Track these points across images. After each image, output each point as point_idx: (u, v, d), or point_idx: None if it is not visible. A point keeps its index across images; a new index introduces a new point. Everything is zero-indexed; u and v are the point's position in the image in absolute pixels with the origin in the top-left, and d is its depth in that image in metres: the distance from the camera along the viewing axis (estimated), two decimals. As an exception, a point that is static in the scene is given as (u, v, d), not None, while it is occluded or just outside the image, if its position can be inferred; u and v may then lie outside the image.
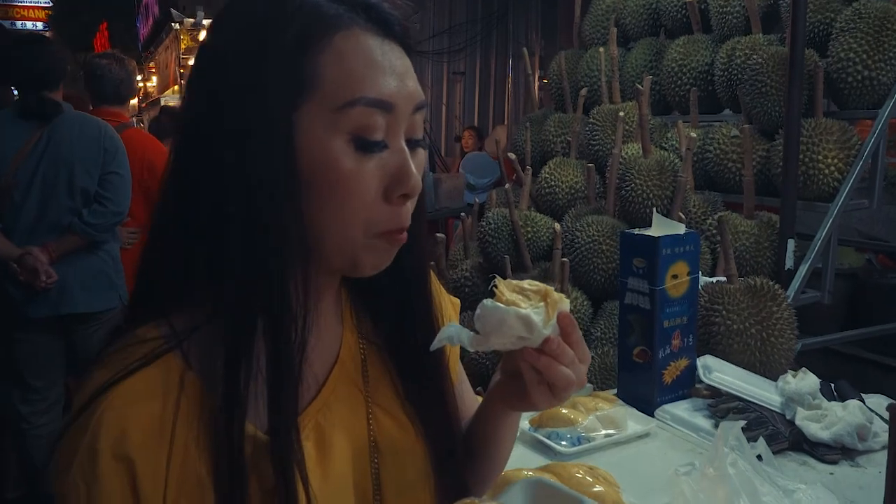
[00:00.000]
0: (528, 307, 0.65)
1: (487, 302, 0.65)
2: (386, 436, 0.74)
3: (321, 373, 0.73)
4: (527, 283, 0.68)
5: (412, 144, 0.67)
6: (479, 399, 0.84)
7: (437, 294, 0.84)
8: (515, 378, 0.72)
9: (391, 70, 0.64)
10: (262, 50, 0.61)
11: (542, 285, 0.67)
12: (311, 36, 0.62)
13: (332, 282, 0.73)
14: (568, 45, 3.08)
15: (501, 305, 0.64)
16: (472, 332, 0.66)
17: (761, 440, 1.11)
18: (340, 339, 0.76)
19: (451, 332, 0.66)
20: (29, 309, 2.63)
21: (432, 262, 2.52)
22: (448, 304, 0.87)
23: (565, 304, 0.67)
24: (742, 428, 1.03)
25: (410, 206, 0.67)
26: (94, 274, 2.70)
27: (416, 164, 0.67)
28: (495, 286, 0.66)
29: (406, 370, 0.77)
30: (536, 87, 7.27)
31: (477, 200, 2.68)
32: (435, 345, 0.67)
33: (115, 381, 0.59)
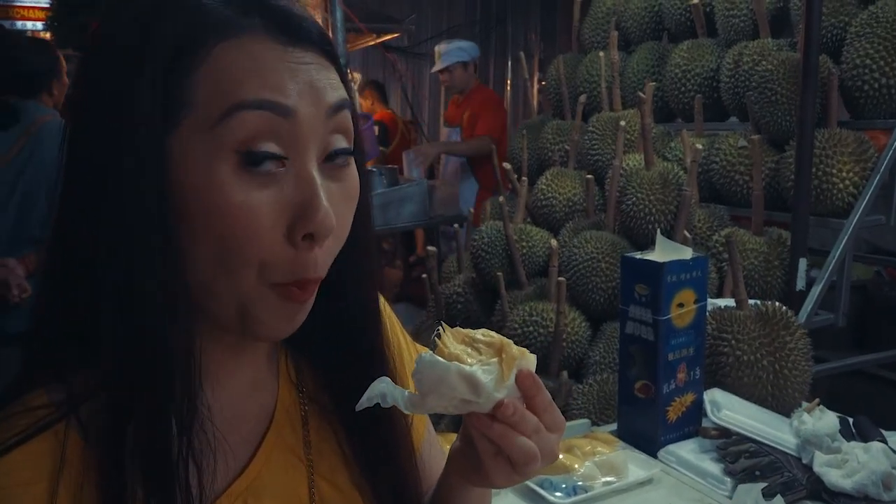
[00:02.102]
0: (476, 363, 0.54)
1: (425, 355, 0.53)
2: None
3: (251, 439, 0.61)
4: (480, 334, 0.57)
5: (334, 156, 0.54)
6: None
7: (395, 340, 0.71)
8: (471, 447, 0.60)
9: (293, 75, 0.52)
10: (129, 63, 0.50)
11: (497, 337, 0.56)
12: (185, 46, 0.50)
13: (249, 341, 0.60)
14: (567, 49, 2.97)
15: (441, 360, 0.53)
16: (407, 391, 0.54)
17: (779, 497, 0.99)
18: (275, 398, 0.64)
19: (383, 388, 0.54)
20: (6, 324, 2.50)
21: (424, 276, 2.41)
22: (408, 354, 0.74)
23: (529, 360, 0.56)
24: (756, 474, 0.92)
25: (321, 254, 0.53)
26: None
27: (340, 191, 0.54)
28: (438, 336, 0.55)
29: (354, 434, 0.64)
30: (535, 91, 7.18)
31: None
32: (362, 403, 0.54)
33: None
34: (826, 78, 1.87)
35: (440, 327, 0.56)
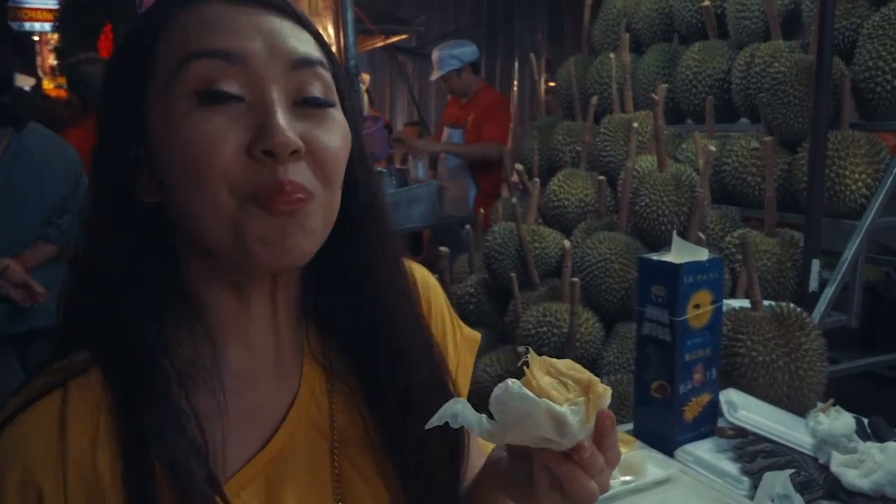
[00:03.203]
0: (565, 402, 0.51)
1: (513, 386, 0.51)
2: (355, 498, 0.63)
3: (274, 416, 0.62)
4: (565, 366, 0.54)
5: (307, 103, 0.57)
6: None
7: (442, 323, 0.72)
8: (522, 465, 0.58)
9: (244, 27, 0.56)
10: (120, 40, 0.59)
11: (585, 373, 0.54)
12: (157, 15, 0.57)
13: (260, 291, 0.62)
14: (575, 50, 2.97)
15: (531, 395, 0.51)
16: (484, 417, 0.53)
17: (798, 497, 1.00)
18: (300, 377, 0.64)
19: (457, 409, 0.53)
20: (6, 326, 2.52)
21: (436, 276, 2.42)
22: (457, 339, 0.74)
23: (608, 398, 0.54)
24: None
25: (293, 168, 0.55)
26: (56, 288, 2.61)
27: (314, 125, 0.57)
28: (526, 364, 0.53)
29: (382, 419, 0.64)
30: (543, 92, 7.18)
31: None
32: (433, 423, 0.54)
33: (19, 410, 0.55)
34: (838, 79, 1.88)
35: (527, 354, 0.54)
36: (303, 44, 0.58)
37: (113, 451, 0.54)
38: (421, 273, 0.75)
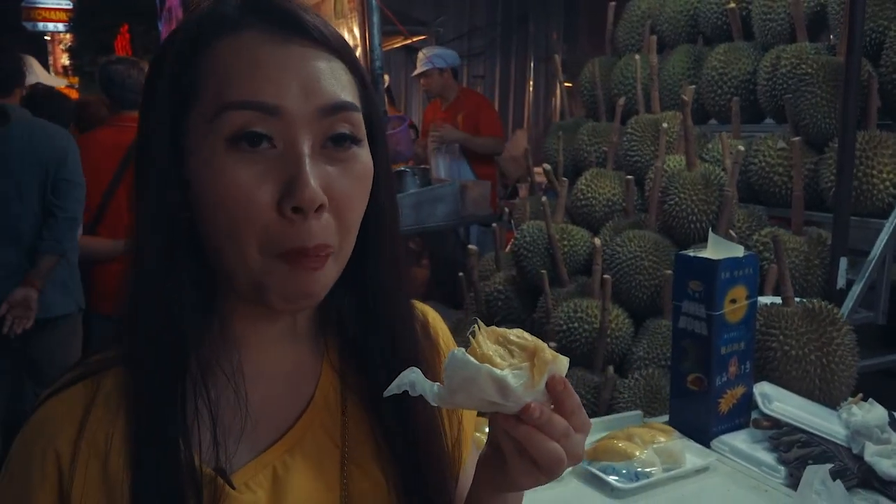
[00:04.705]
0: (508, 367, 0.55)
1: (457, 352, 0.55)
2: (362, 500, 0.66)
3: (288, 417, 0.65)
4: (514, 335, 0.57)
5: (336, 144, 0.59)
6: None
7: (433, 336, 0.74)
8: (498, 450, 0.60)
9: (284, 72, 0.57)
10: (156, 68, 0.60)
11: (531, 340, 0.57)
12: (196, 41, 0.58)
13: (280, 316, 0.65)
14: (593, 51, 3.01)
15: (473, 360, 0.54)
16: (436, 384, 0.56)
17: (838, 482, 1.04)
18: (317, 383, 0.68)
19: (413, 378, 0.56)
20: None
21: (460, 274, 2.47)
22: (439, 347, 0.75)
23: (561, 365, 0.56)
24: (809, 463, 0.97)
25: (319, 226, 0.57)
26: (50, 280, 2.69)
27: (341, 173, 0.59)
28: (473, 334, 0.56)
29: (390, 429, 0.67)
30: (559, 92, 7.22)
31: None
32: (391, 390, 0.57)
33: (55, 391, 0.61)
34: (866, 80, 1.91)
35: (476, 325, 0.57)
36: (336, 85, 0.59)
37: (127, 442, 0.58)
38: (432, 314, 0.77)
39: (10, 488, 0.60)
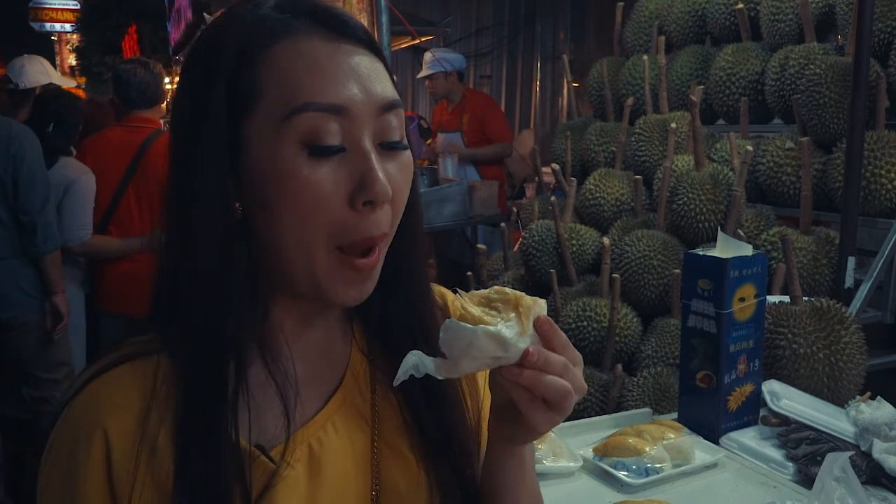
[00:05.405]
0: (499, 321, 0.58)
1: (450, 322, 0.58)
2: (390, 477, 0.69)
3: (320, 397, 0.69)
4: (493, 292, 0.61)
5: (387, 147, 0.63)
6: None
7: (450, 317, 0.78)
8: (507, 406, 0.64)
9: (343, 72, 0.61)
10: (207, 66, 0.61)
11: (510, 292, 0.60)
12: (249, 48, 0.61)
13: (324, 306, 0.68)
14: (600, 51, 3.03)
15: (467, 325, 0.57)
16: (437, 359, 0.59)
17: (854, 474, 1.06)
18: (347, 364, 0.72)
19: (414, 360, 0.59)
20: None
21: (468, 274, 2.49)
22: None
23: (541, 306, 0.60)
24: (818, 460, 0.98)
25: (382, 216, 0.62)
26: (15, 278, 2.76)
27: (395, 168, 0.63)
28: (460, 303, 0.60)
29: (416, 407, 0.71)
30: (566, 92, 7.23)
31: None
32: (399, 378, 0.60)
33: (99, 372, 0.62)
34: (874, 81, 1.92)
35: (458, 293, 0.61)
36: (386, 85, 0.63)
37: (175, 423, 0.61)
38: (450, 297, 0.80)
39: (55, 469, 0.61)
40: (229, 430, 0.60)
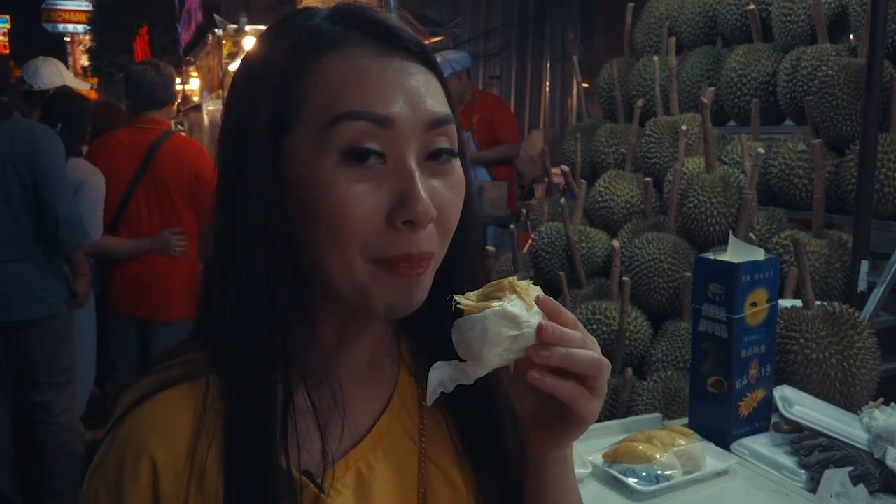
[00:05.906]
0: (504, 301, 0.58)
1: (458, 321, 0.58)
2: (438, 498, 0.68)
3: (368, 418, 0.67)
4: (486, 287, 0.61)
5: (436, 157, 0.61)
6: None
7: None
8: (541, 411, 0.63)
9: (391, 85, 0.59)
10: (254, 76, 0.61)
11: (502, 280, 0.60)
12: (297, 59, 0.60)
13: (368, 321, 0.67)
14: (610, 52, 3.01)
15: (475, 315, 0.57)
16: (458, 362, 0.58)
17: (861, 486, 1.04)
18: (395, 384, 0.70)
19: (437, 375, 0.58)
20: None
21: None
22: None
23: (536, 289, 0.60)
24: (830, 467, 0.97)
25: (425, 235, 0.59)
26: (26, 281, 2.76)
27: (443, 185, 0.61)
28: (458, 304, 0.59)
29: (462, 426, 0.70)
30: (575, 93, 7.21)
31: None
32: (431, 398, 0.59)
33: (148, 394, 0.60)
34: (888, 82, 1.90)
35: (454, 297, 0.60)
36: (437, 101, 0.61)
37: (224, 448, 0.59)
38: None
39: (103, 488, 0.60)
40: (279, 457, 0.59)
